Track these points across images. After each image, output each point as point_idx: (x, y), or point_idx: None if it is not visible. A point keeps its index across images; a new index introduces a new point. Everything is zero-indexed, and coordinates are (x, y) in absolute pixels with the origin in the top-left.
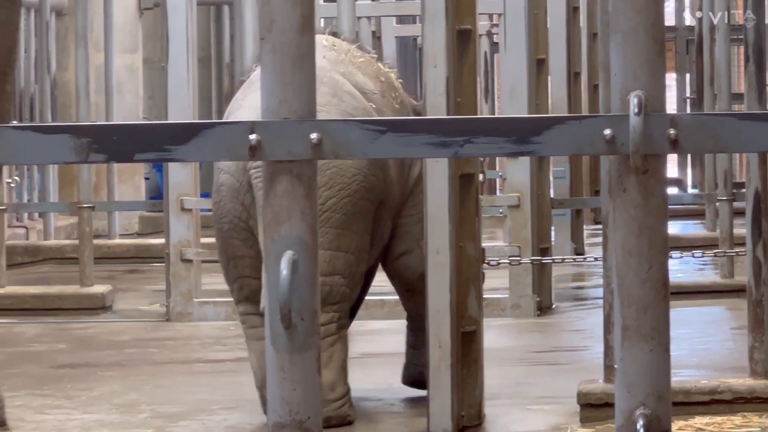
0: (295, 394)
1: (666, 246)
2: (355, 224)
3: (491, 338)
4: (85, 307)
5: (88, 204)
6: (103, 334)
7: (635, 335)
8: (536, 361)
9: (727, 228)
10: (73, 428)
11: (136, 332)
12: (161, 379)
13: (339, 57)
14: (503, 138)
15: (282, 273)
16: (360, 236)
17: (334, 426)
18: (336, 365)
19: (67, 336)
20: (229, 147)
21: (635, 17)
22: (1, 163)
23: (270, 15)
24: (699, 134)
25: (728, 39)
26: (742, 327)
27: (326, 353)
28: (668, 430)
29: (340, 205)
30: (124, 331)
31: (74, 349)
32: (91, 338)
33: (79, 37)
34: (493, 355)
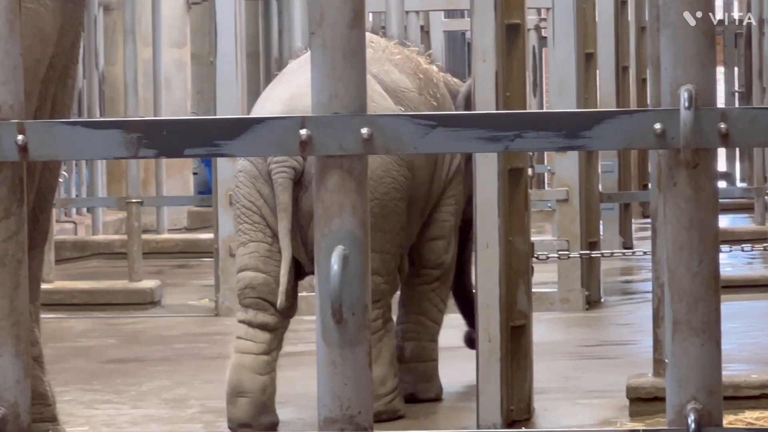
0: (346, 389)
1: (717, 240)
2: (387, 225)
3: (540, 332)
4: (133, 303)
5: (137, 199)
6: (151, 329)
7: (686, 329)
8: (585, 355)
9: None
10: (123, 423)
11: (185, 327)
12: (210, 374)
13: (375, 55)
14: (553, 132)
15: (333, 268)
16: (393, 235)
17: (385, 420)
18: (385, 360)
19: (116, 331)
20: (280, 142)
21: (686, 9)
22: (53, 158)
23: (320, 9)
24: (750, 128)
25: None
26: None
27: (375, 349)
28: (720, 424)
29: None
30: (173, 326)
31: (123, 344)
32: (140, 333)
33: (127, 32)
34: (542, 349)
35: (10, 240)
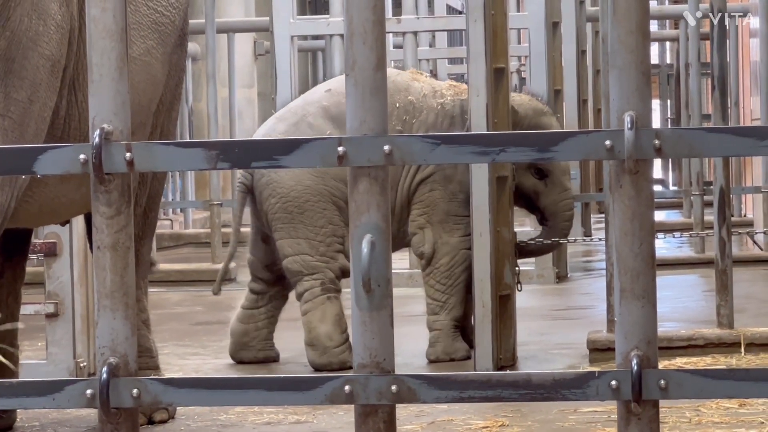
0: (374, 341)
1: (653, 228)
2: (306, 219)
3: (522, 300)
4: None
5: (218, 201)
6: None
7: (630, 295)
8: (556, 317)
9: (699, 215)
10: (208, 370)
11: None
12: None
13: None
14: (529, 148)
15: (363, 251)
16: (315, 227)
17: (336, 370)
18: (329, 320)
19: (202, 301)
20: (322, 156)
21: (628, 56)
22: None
23: (353, 56)
24: (677, 144)
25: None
26: (712, 290)
27: (319, 310)
28: (656, 366)
29: (284, 207)
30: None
31: (208, 310)
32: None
33: (209, 76)
34: (524, 312)
35: (121, 231)
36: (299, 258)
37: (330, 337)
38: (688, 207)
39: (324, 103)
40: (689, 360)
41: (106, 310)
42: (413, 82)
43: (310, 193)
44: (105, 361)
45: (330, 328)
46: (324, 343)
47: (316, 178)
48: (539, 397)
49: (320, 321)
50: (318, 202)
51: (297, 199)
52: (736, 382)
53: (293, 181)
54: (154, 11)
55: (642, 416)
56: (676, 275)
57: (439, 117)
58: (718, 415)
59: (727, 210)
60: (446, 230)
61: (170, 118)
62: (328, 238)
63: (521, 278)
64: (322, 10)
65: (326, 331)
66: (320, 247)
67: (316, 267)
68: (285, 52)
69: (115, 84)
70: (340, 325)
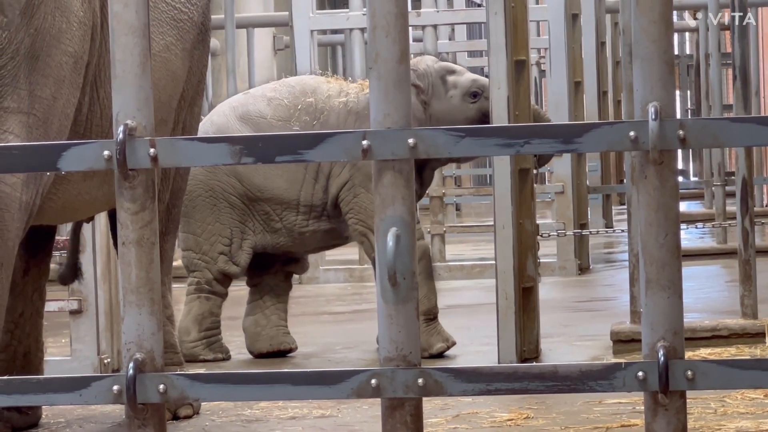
0: (400, 335)
1: (678, 219)
2: (196, 215)
3: (544, 292)
4: None
5: None
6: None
7: (656, 286)
8: (578, 308)
9: (721, 206)
10: (230, 365)
11: None
12: (296, 327)
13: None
14: (553, 140)
15: (389, 244)
16: (203, 223)
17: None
18: (192, 316)
19: None
20: (347, 150)
21: (651, 46)
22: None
23: (376, 49)
24: (701, 134)
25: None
26: (734, 280)
27: (187, 306)
28: (682, 357)
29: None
30: None
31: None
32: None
33: (229, 72)
34: (546, 304)
35: (146, 227)
36: (186, 254)
37: (187, 332)
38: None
39: (234, 103)
40: (713, 351)
41: (131, 305)
42: (323, 84)
43: (202, 188)
44: (131, 357)
45: (189, 324)
46: (181, 337)
47: (208, 173)
48: (566, 389)
49: (185, 316)
50: (208, 198)
51: (191, 194)
52: (763, 372)
53: (195, 180)
54: (172, 7)
55: (669, 407)
56: (699, 266)
57: (341, 116)
58: (744, 405)
59: (749, 200)
60: None
61: (192, 114)
62: (212, 236)
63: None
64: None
65: (185, 327)
66: (204, 245)
67: (197, 265)
68: (305, 47)
69: (138, 80)
70: (200, 323)
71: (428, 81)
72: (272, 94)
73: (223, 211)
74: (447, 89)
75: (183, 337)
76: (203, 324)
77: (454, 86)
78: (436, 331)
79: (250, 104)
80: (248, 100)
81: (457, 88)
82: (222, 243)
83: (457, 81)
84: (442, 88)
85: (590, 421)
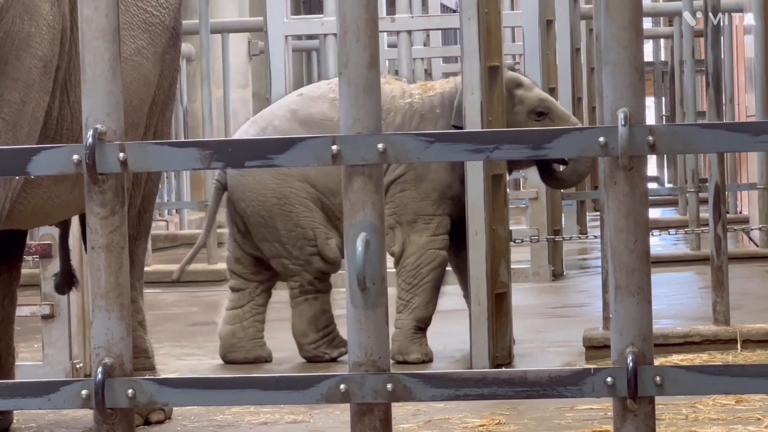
0: (369, 340)
1: (647, 225)
2: (277, 223)
3: (518, 298)
4: (211, 280)
5: None
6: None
7: (625, 292)
8: (552, 314)
9: (694, 212)
10: (203, 370)
11: None
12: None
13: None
14: (523, 145)
15: (358, 249)
16: (285, 231)
17: (314, 361)
18: (305, 319)
19: (198, 301)
20: (317, 155)
21: (622, 52)
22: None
23: (346, 54)
24: (671, 140)
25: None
26: (708, 287)
27: (297, 310)
28: (651, 363)
29: (256, 211)
30: None
31: (203, 311)
32: (215, 303)
33: (204, 77)
34: (519, 310)
35: (115, 232)
36: (278, 261)
37: (304, 334)
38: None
39: (292, 106)
40: (685, 357)
41: (101, 310)
42: (384, 85)
43: (276, 197)
44: (100, 362)
45: (305, 327)
46: (299, 340)
47: (279, 181)
48: (535, 394)
49: (297, 320)
50: (284, 205)
51: (264, 204)
52: (732, 378)
53: (260, 185)
54: (144, 11)
55: (638, 413)
56: (672, 272)
57: (407, 116)
58: (715, 411)
59: (722, 207)
60: (415, 230)
61: (164, 118)
62: (298, 242)
63: (516, 276)
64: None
65: (301, 330)
66: (293, 251)
67: (293, 270)
68: (279, 52)
69: (108, 84)
70: (315, 324)
71: None
72: (333, 95)
73: (302, 215)
74: (514, 104)
75: (302, 341)
76: (319, 324)
77: (521, 102)
78: (420, 341)
79: (311, 107)
80: (308, 102)
81: (523, 104)
82: (309, 245)
83: (524, 97)
84: (509, 101)
85: (562, 427)
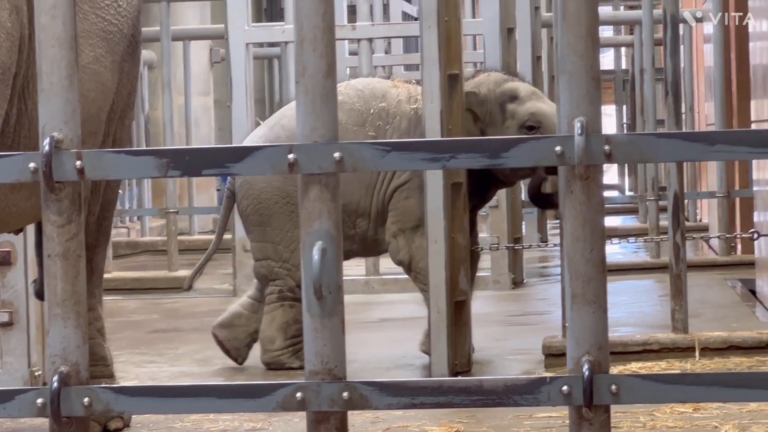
0: (325, 348)
1: (603, 234)
2: (274, 222)
3: (477, 306)
4: (172, 287)
5: (174, 209)
6: (185, 307)
7: (581, 300)
8: (511, 322)
9: (654, 220)
10: (164, 378)
11: (211, 305)
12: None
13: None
14: (479, 154)
15: (314, 258)
16: (282, 231)
17: (274, 369)
18: (276, 325)
19: (159, 309)
20: (273, 164)
21: (578, 61)
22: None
23: (303, 63)
24: (627, 149)
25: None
26: (667, 295)
27: (270, 315)
28: (607, 371)
29: (256, 210)
30: (201, 305)
31: (164, 318)
32: (176, 310)
33: (165, 84)
34: (479, 318)
35: (72, 240)
36: (265, 263)
37: (271, 340)
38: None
39: None
40: (644, 365)
41: (57, 318)
42: (392, 89)
43: (279, 195)
44: (56, 370)
45: (274, 333)
46: (265, 345)
47: (285, 179)
48: (491, 403)
49: (268, 325)
50: (286, 204)
51: (267, 201)
52: (687, 387)
53: (264, 183)
54: (102, 19)
55: (594, 421)
56: (632, 280)
57: (412, 122)
58: (672, 419)
59: (681, 215)
60: (419, 234)
61: (123, 126)
62: (292, 244)
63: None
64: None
65: (269, 335)
66: (284, 253)
67: (278, 274)
68: (240, 60)
69: (65, 92)
70: (285, 331)
71: (486, 108)
72: (342, 98)
73: None
74: (505, 118)
75: (267, 346)
76: (288, 332)
77: (512, 116)
78: None
79: None
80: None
81: (514, 118)
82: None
83: (515, 111)
84: (499, 116)
85: None
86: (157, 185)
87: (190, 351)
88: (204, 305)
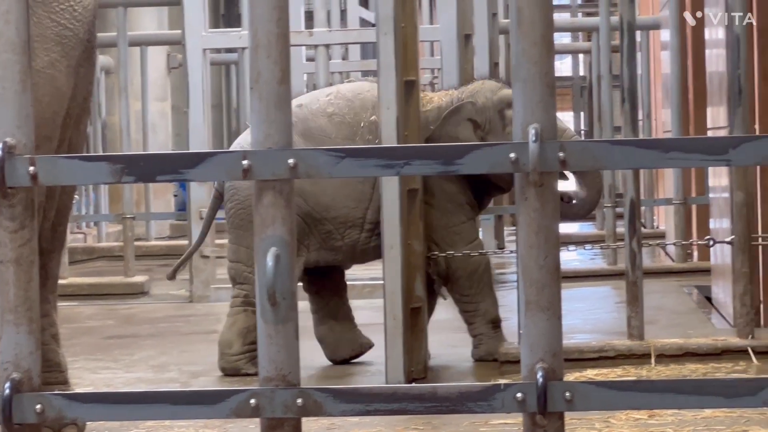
0: (279, 355)
1: (558, 241)
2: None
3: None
4: (128, 293)
5: (130, 215)
6: (142, 313)
7: (535, 307)
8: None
9: (611, 227)
10: (119, 384)
11: (167, 311)
12: (186, 346)
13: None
14: (434, 160)
15: (268, 264)
16: None
17: (230, 375)
18: (236, 329)
19: (115, 315)
20: (227, 170)
21: (532, 68)
22: (57, 183)
23: (257, 69)
24: (582, 156)
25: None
26: (623, 301)
27: (231, 319)
28: (561, 378)
29: (238, 214)
30: (157, 311)
31: (120, 324)
32: (132, 316)
33: (122, 90)
34: (436, 325)
35: (25, 246)
36: (236, 265)
37: (229, 344)
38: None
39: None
40: (600, 371)
41: (9, 324)
42: None
43: None
44: (8, 377)
45: (233, 337)
46: (222, 350)
47: None
48: (445, 409)
49: (228, 329)
50: None
51: (248, 207)
52: (642, 393)
53: (250, 189)
54: (57, 24)
55: (548, 428)
56: (589, 287)
57: None
58: (628, 426)
59: (637, 222)
60: (448, 244)
61: (78, 131)
62: None
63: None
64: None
65: (228, 339)
66: None
67: (246, 278)
68: (197, 66)
69: (18, 97)
70: (245, 336)
71: (486, 116)
72: (332, 109)
73: None
74: (505, 124)
75: (225, 350)
76: (248, 338)
77: (510, 122)
78: (502, 338)
79: (309, 120)
80: (306, 115)
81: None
82: None
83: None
84: (499, 123)
85: None
86: (114, 191)
87: (146, 357)
88: (160, 311)
